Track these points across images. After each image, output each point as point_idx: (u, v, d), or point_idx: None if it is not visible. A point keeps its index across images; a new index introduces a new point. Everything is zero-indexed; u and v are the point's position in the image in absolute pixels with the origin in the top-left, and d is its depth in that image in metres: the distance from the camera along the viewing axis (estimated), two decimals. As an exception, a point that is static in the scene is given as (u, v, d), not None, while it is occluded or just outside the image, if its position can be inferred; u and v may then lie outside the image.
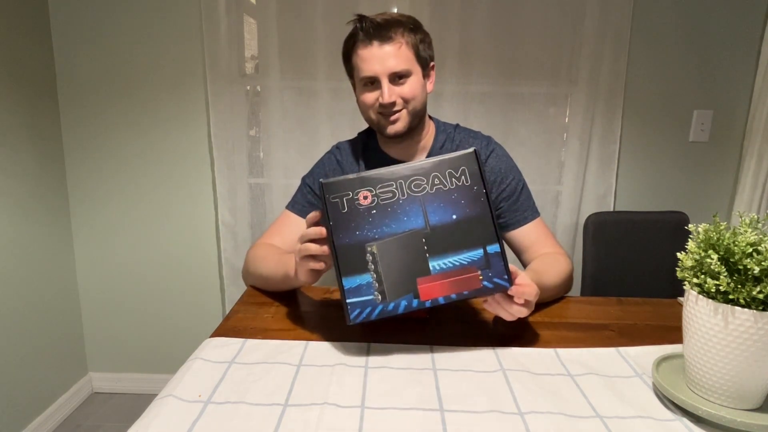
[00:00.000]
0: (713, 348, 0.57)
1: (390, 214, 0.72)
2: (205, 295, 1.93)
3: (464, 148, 1.10)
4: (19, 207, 1.62)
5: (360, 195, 0.72)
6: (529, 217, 1.07)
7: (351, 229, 0.71)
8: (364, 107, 1.02)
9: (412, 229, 0.71)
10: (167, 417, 0.58)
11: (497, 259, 0.71)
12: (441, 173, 0.73)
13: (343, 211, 0.72)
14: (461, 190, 0.73)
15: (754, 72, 1.70)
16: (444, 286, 0.70)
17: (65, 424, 1.81)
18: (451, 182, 0.73)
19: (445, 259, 0.71)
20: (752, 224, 0.58)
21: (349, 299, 0.70)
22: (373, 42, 0.96)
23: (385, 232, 0.71)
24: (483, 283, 0.70)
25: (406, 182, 0.72)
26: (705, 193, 1.81)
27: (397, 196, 0.72)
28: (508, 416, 0.59)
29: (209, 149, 1.79)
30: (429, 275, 0.71)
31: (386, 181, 0.72)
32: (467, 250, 0.71)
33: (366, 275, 0.71)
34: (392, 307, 0.70)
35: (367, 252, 0.71)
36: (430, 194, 0.72)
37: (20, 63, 1.61)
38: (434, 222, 0.72)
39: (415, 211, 0.72)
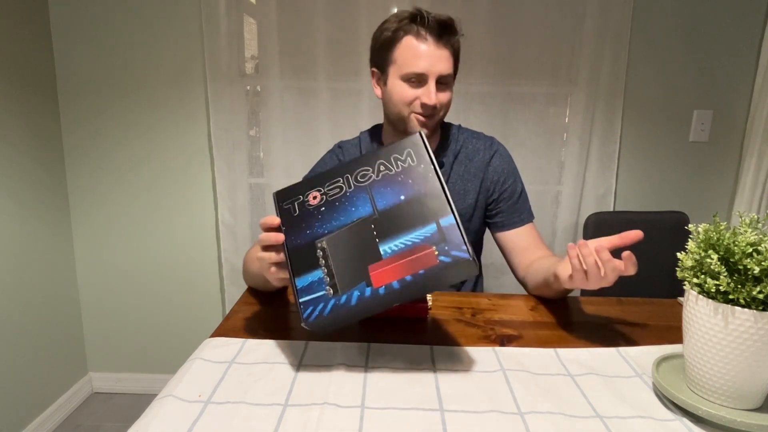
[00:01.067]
0: (713, 348, 0.57)
1: (338, 208, 0.70)
2: (205, 295, 1.93)
3: (468, 148, 1.10)
4: (19, 207, 1.62)
5: (309, 196, 0.72)
6: (525, 219, 1.08)
7: (302, 229, 0.70)
8: (399, 102, 0.98)
9: (360, 218, 0.69)
10: (167, 417, 0.58)
11: (453, 230, 0.64)
12: (386, 160, 0.71)
13: (295, 214, 0.71)
14: (408, 171, 0.69)
15: (754, 72, 1.70)
16: (396, 269, 0.64)
17: (65, 424, 1.81)
18: (396, 166, 0.70)
19: (395, 241, 0.66)
20: (752, 224, 0.58)
21: (301, 298, 0.67)
22: (430, 39, 0.93)
23: (335, 226, 0.69)
24: (439, 258, 0.63)
25: (353, 175, 0.71)
26: (705, 193, 1.81)
27: (344, 189, 0.71)
28: (508, 416, 0.59)
29: (209, 149, 1.79)
30: (380, 260, 0.65)
31: (333, 177, 0.72)
32: (419, 228, 0.66)
33: (317, 271, 0.67)
34: (344, 299, 0.65)
35: (318, 248, 0.68)
36: (376, 181, 0.70)
37: (20, 63, 1.61)
38: (382, 206, 0.68)
39: (362, 200, 0.69)
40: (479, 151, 1.09)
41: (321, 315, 0.65)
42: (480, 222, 1.12)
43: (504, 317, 0.88)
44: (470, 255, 0.63)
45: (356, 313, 0.65)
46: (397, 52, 0.96)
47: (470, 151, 1.09)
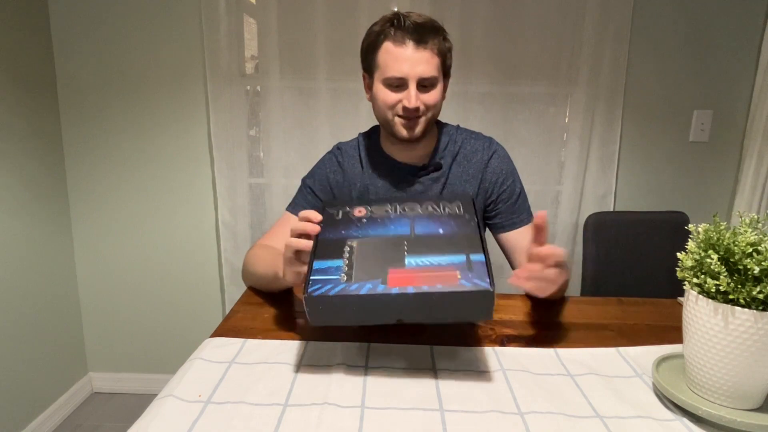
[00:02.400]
0: (713, 348, 0.57)
1: (379, 224, 0.74)
2: (205, 295, 1.93)
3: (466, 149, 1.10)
4: (19, 207, 1.62)
5: (356, 209, 0.77)
6: (525, 220, 1.07)
7: (338, 229, 0.73)
8: (383, 106, 0.99)
9: (396, 234, 0.71)
10: (167, 417, 0.58)
11: (480, 265, 0.65)
12: (436, 203, 0.77)
13: (337, 218, 0.75)
14: (452, 216, 0.74)
15: (754, 72, 1.70)
16: (415, 278, 0.63)
17: (65, 424, 1.81)
18: (443, 210, 0.75)
19: (423, 258, 0.66)
20: (752, 224, 0.58)
21: (312, 276, 0.65)
22: (408, 42, 0.93)
23: (369, 234, 0.72)
24: (460, 281, 0.62)
25: (401, 204, 0.77)
26: (705, 193, 1.81)
27: (390, 213, 0.76)
28: (508, 416, 0.59)
29: (209, 149, 1.79)
30: (402, 267, 0.65)
31: (382, 202, 0.78)
32: (448, 254, 0.66)
33: (338, 260, 0.67)
34: (355, 287, 0.62)
35: (347, 245, 0.70)
36: (420, 215, 0.75)
37: (20, 63, 1.61)
38: (419, 232, 0.71)
39: (403, 223, 0.73)
40: (477, 151, 1.09)
41: (326, 294, 0.62)
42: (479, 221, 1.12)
43: (504, 317, 0.88)
44: (491, 287, 0.61)
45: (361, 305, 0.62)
46: (378, 57, 0.97)
47: (468, 151, 1.09)
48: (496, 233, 1.10)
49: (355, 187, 1.10)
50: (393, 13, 0.96)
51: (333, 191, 1.12)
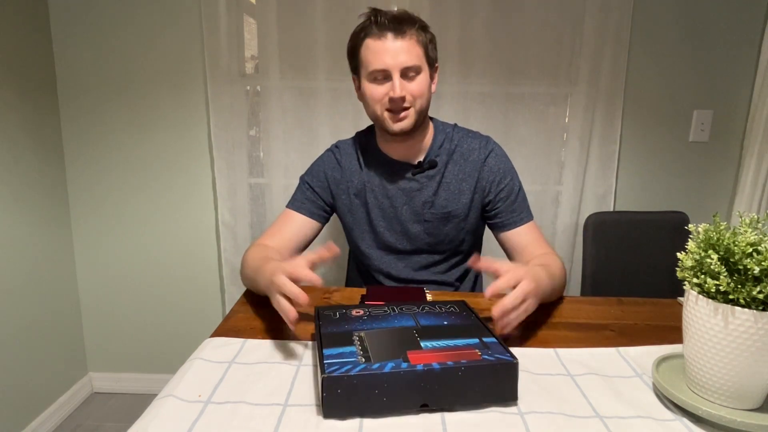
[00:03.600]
0: (713, 348, 0.57)
1: (381, 319, 0.73)
2: (205, 295, 1.93)
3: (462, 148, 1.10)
4: (19, 207, 1.62)
5: (353, 311, 0.76)
6: (524, 218, 1.08)
7: (340, 325, 0.72)
8: (372, 101, 1.00)
9: (403, 326, 0.71)
10: (167, 417, 0.58)
11: (496, 345, 0.65)
12: (431, 306, 0.79)
13: (335, 318, 0.74)
14: (451, 313, 0.76)
15: (754, 72, 1.70)
16: (437, 356, 0.61)
17: (65, 424, 1.81)
18: (441, 309, 0.78)
19: (438, 342, 0.66)
20: (752, 224, 0.58)
21: (327, 360, 0.60)
22: (387, 34, 0.95)
23: (375, 327, 0.71)
24: (483, 357, 0.61)
25: (398, 306, 0.78)
26: (705, 193, 1.81)
27: (389, 312, 0.76)
28: (508, 416, 0.59)
29: (209, 149, 1.79)
30: (420, 350, 0.63)
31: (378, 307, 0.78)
32: (462, 339, 0.67)
33: (350, 347, 0.64)
34: (377, 366, 0.58)
35: (354, 335, 0.68)
36: (420, 312, 0.76)
37: (20, 63, 1.61)
38: (425, 323, 0.72)
39: (406, 318, 0.74)
40: (474, 150, 1.09)
41: (346, 374, 0.57)
42: (476, 221, 1.12)
43: (504, 317, 0.88)
44: (514, 358, 0.61)
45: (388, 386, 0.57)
46: (361, 55, 0.99)
47: (465, 150, 1.09)
48: (497, 233, 1.11)
49: (352, 183, 1.11)
50: (370, 10, 0.98)
51: (330, 187, 1.12)
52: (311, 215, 1.11)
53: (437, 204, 1.08)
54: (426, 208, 1.08)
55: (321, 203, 1.12)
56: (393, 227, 1.11)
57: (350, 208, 1.12)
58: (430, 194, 1.08)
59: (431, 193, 1.08)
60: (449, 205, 1.08)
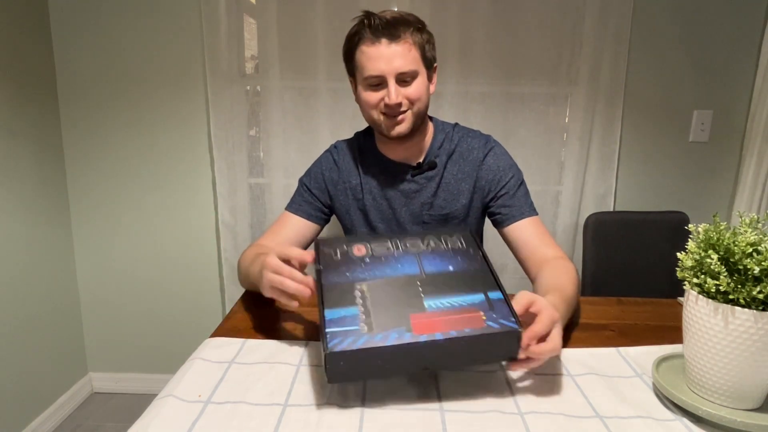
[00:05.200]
0: (713, 348, 0.57)
1: (384, 263, 0.70)
2: (205, 295, 1.93)
3: (462, 147, 1.09)
4: (19, 207, 1.62)
5: (354, 247, 0.72)
6: (526, 213, 1.05)
7: (341, 271, 0.68)
8: (367, 107, 0.99)
9: (406, 274, 0.68)
10: (167, 417, 0.58)
11: (501, 304, 0.63)
12: (436, 238, 0.74)
13: (335, 258, 0.70)
14: (457, 250, 0.72)
15: (754, 72, 1.70)
16: (441, 323, 0.60)
17: (65, 424, 1.81)
18: (446, 244, 0.73)
19: (441, 300, 0.64)
20: (752, 224, 0.58)
21: (329, 328, 0.59)
22: (381, 40, 0.93)
23: (378, 275, 0.68)
24: (487, 323, 0.60)
25: (402, 241, 0.74)
26: (705, 193, 1.81)
27: (392, 250, 0.72)
28: (508, 416, 0.59)
29: (209, 149, 1.79)
30: (424, 312, 0.62)
31: (380, 239, 0.74)
32: (466, 294, 0.65)
33: (353, 308, 0.62)
34: (379, 337, 0.58)
35: (357, 289, 0.65)
36: (425, 251, 0.72)
37: (20, 63, 1.61)
38: (429, 270, 0.69)
39: (410, 261, 0.70)
40: (474, 149, 1.08)
41: (349, 349, 0.57)
42: (476, 222, 1.12)
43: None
44: (519, 326, 0.60)
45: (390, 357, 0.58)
46: (356, 60, 0.98)
47: (464, 149, 1.08)
48: (499, 229, 1.09)
49: (350, 184, 1.10)
50: (364, 13, 0.96)
51: (328, 189, 1.12)
52: (309, 217, 1.10)
53: (436, 205, 1.08)
54: (425, 209, 1.08)
55: (319, 205, 1.12)
56: (391, 229, 1.10)
57: (348, 210, 1.12)
58: (429, 196, 1.07)
59: (430, 195, 1.07)
60: (448, 206, 1.08)
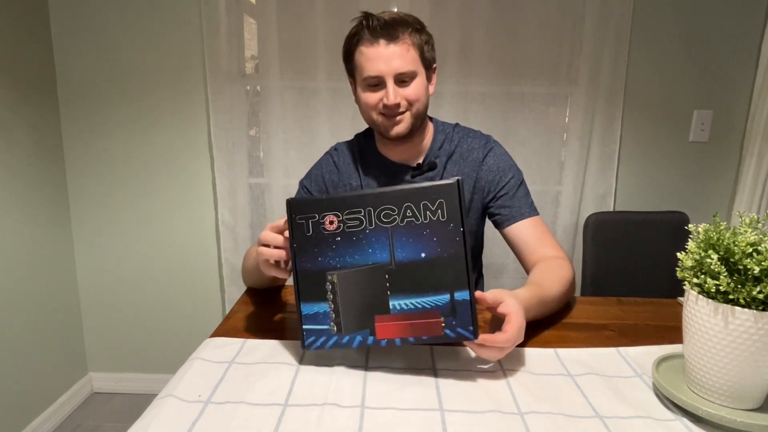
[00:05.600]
0: (713, 348, 0.57)
1: (355, 243, 0.69)
2: (205, 295, 1.93)
3: (462, 148, 1.09)
4: (19, 207, 1.62)
5: (326, 219, 0.69)
6: (526, 213, 1.04)
7: (314, 254, 0.69)
8: (366, 108, 1.00)
9: (376, 263, 0.68)
10: (167, 417, 0.58)
11: (464, 308, 0.66)
12: (415, 204, 0.67)
13: (308, 233, 0.69)
14: (434, 227, 0.67)
15: (754, 72, 1.70)
16: (402, 327, 0.67)
17: (65, 424, 1.81)
18: (424, 216, 0.67)
19: (407, 300, 0.67)
20: (752, 224, 0.58)
21: (305, 325, 0.70)
22: (379, 41, 0.94)
23: (348, 263, 0.69)
24: (445, 331, 0.66)
25: (375, 211, 0.68)
26: (705, 193, 1.81)
27: (365, 224, 0.68)
28: (508, 416, 0.59)
29: (209, 149, 1.79)
30: (388, 314, 0.68)
31: (354, 207, 0.69)
32: (433, 294, 0.67)
33: (324, 304, 0.70)
34: (347, 340, 0.69)
35: (327, 280, 0.69)
36: (399, 227, 0.68)
37: (20, 63, 1.61)
38: (400, 258, 0.68)
39: (381, 244, 0.68)
40: (474, 150, 1.08)
41: (322, 347, 0.70)
42: (477, 222, 1.12)
43: (504, 317, 0.87)
44: (475, 336, 0.66)
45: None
46: (355, 61, 0.98)
47: (464, 150, 1.08)
48: (500, 229, 1.09)
49: (350, 186, 1.10)
50: (363, 14, 0.97)
51: (328, 190, 1.12)
52: None
53: None
54: None
55: None
56: None
57: None
58: None
59: None
60: None
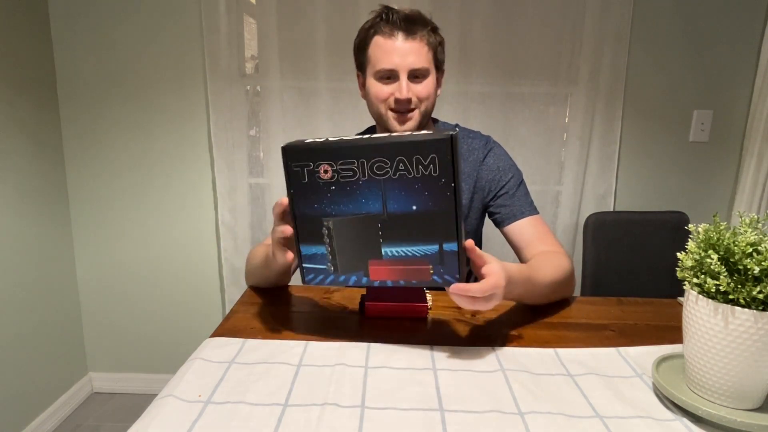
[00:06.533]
0: (713, 348, 0.57)
1: (349, 194, 0.69)
2: (205, 295, 1.93)
3: (463, 148, 1.09)
4: (19, 207, 1.62)
5: (321, 168, 0.69)
6: (526, 212, 1.05)
7: (310, 201, 0.71)
8: (376, 100, 0.99)
9: (369, 213, 0.69)
10: (167, 417, 0.58)
11: (452, 257, 0.68)
12: (407, 158, 0.65)
13: (303, 181, 0.70)
14: (427, 181, 0.66)
15: (754, 72, 1.70)
16: (393, 271, 0.72)
17: (65, 424, 1.81)
18: (417, 170, 0.66)
19: (398, 248, 0.70)
20: (752, 224, 0.58)
21: (305, 264, 0.75)
22: (397, 34, 0.94)
23: (343, 211, 0.70)
24: (432, 277, 0.70)
25: (368, 162, 0.67)
26: (705, 193, 1.81)
27: (358, 175, 0.68)
28: (508, 416, 0.59)
29: (209, 149, 1.79)
30: (380, 259, 0.72)
31: (348, 157, 0.67)
32: (422, 244, 0.69)
33: (321, 247, 0.73)
34: (343, 279, 0.75)
35: (323, 226, 0.72)
36: (392, 179, 0.67)
37: (20, 63, 1.61)
38: (392, 209, 0.68)
39: (374, 195, 0.68)
40: (474, 150, 1.09)
41: (321, 283, 0.76)
42: (477, 222, 1.12)
43: (504, 317, 0.88)
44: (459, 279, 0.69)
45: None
46: (369, 52, 0.98)
47: (465, 150, 1.09)
48: (500, 229, 1.09)
49: None
50: (382, 7, 0.97)
51: None
52: None
53: None
54: None
55: None
56: None
57: None
58: None
59: None
60: None
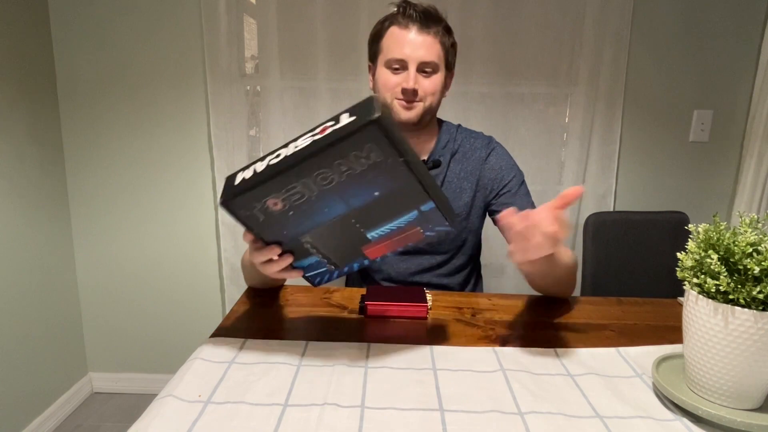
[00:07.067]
0: (713, 348, 0.57)
1: (309, 211, 0.66)
2: (205, 295, 1.93)
3: (465, 147, 1.10)
4: (19, 207, 1.62)
5: (268, 203, 0.65)
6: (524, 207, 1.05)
7: (277, 230, 0.68)
8: (384, 88, 1.01)
9: (337, 215, 0.67)
10: (167, 417, 0.58)
11: (434, 213, 0.67)
12: (346, 158, 0.61)
13: (261, 220, 0.67)
14: (376, 168, 0.61)
15: (754, 72, 1.70)
16: (388, 245, 0.72)
17: (65, 424, 1.81)
18: (360, 164, 0.61)
19: (381, 228, 0.70)
20: (752, 224, 0.58)
21: (306, 274, 0.76)
22: (411, 27, 0.96)
23: (313, 224, 0.68)
24: (425, 234, 0.71)
25: (311, 178, 0.62)
26: (705, 193, 1.81)
27: (307, 195, 0.64)
28: (508, 416, 0.59)
29: (209, 149, 1.79)
30: (370, 242, 0.71)
31: (288, 183, 0.63)
32: (401, 215, 0.68)
33: (313, 257, 0.73)
34: (347, 269, 0.76)
35: (304, 242, 0.71)
36: (342, 183, 0.63)
37: (20, 63, 1.61)
38: (357, 204, 0.65)
39: (334, 201, 0.65)
40: (476, 150, 1.10)
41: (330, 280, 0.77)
42: (478, 221, 1.12)
43: (504, 317, 0.88)
44: (451, 228, 0.70)
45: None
46: (383, 42, 1.00)
47: (467, 150, 1.10)
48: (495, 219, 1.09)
49: None
50: (401, 1, 0.99)
51: None
52: None
53: None
54: None
55: None
56: None
57: None
58: None
59: None
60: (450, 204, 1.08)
